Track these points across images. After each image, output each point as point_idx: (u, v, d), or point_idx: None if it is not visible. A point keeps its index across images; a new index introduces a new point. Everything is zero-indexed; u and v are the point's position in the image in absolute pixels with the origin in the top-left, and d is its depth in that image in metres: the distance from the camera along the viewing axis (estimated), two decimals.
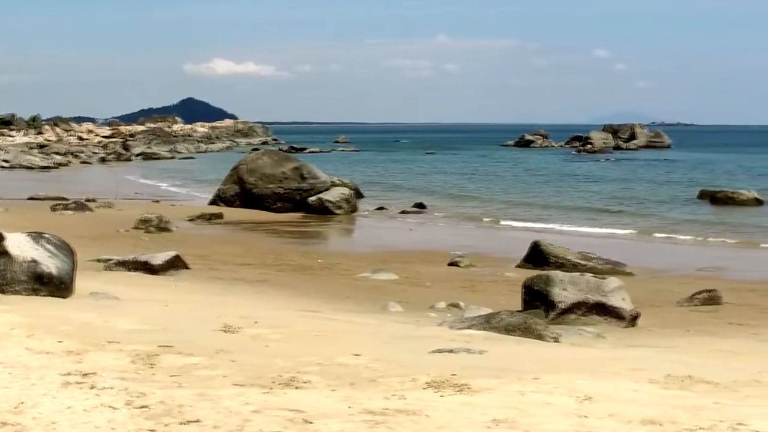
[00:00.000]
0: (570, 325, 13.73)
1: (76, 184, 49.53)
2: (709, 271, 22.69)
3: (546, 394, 7.27)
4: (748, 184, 51.77)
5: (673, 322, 15.31)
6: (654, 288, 19.54)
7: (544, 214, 37.90)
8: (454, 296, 16.98)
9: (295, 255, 23.94)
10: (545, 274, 15.27)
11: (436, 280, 19.95)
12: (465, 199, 44.79)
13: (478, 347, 9.73)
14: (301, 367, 8.11)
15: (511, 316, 12.08)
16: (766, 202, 42.05)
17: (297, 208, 36.11)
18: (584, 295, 14.53)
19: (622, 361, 9.43)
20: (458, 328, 11.91)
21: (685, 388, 7.91)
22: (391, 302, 15.88)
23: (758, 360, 10.54)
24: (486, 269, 22.05)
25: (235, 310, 12.13)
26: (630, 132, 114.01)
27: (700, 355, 10.79)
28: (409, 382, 7.58)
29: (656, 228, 33.01)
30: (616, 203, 42.86)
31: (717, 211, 39.41)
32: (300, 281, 19.08)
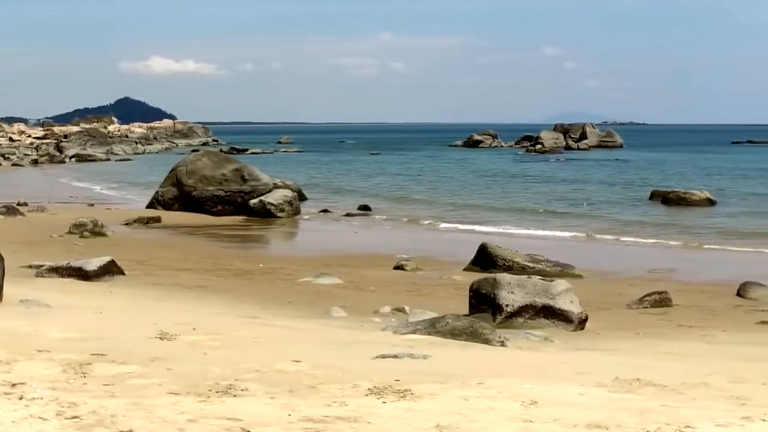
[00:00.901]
0: (517, 329, 13.84)
1: (7, 187, 49.01)
2: (660, 272, 22.95)
3: (490, 399, 7.32)
4: (701, 184, 52.47)
5: (623, 324, 15.48)
6: (603, 290, 19.75)
7: (492, 216, 38.08)
8: (399, 300, 17.02)
9: (236, 259, 23.88)
10: (492, 276, 15.37)
11: (381, 284, 20.00)
12: (411, 201, 44.89)
13: (422, 352, 9.77)
14: (239, 375, 8.09)
15: (457, 320, 12.15)
16: (718, 203, 42.59)
17: (238, 211, 35.98)
18: (532, 298, 14.65)
19: (569, 365, 9.52)
20: (402, 332, 11.96)
21: (632, 391, 8.00)
22: (334, 307, 15.90)
23: (707, 362, 10.70)
24: (432, 273, 22.12)
25: (172, 317, 12.08)
26: (581, 131, 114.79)
27: (648, 358, 10.92)
28: (351, 389, 7.60)
29: (607, 229, 33.30)
30: (566, 204, 43.17)
31: (669, 212, 39.85)
32: (240, 286, 19.04)
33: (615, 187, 53.37)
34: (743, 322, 16.18)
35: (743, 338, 14.12)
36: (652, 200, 44.29)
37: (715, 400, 7.71)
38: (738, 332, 14.87)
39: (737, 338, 14.12)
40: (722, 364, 10.42)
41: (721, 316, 16.85)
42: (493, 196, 48.15)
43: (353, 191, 50.63)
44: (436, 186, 54.79)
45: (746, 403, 7.58)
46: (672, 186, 48.88)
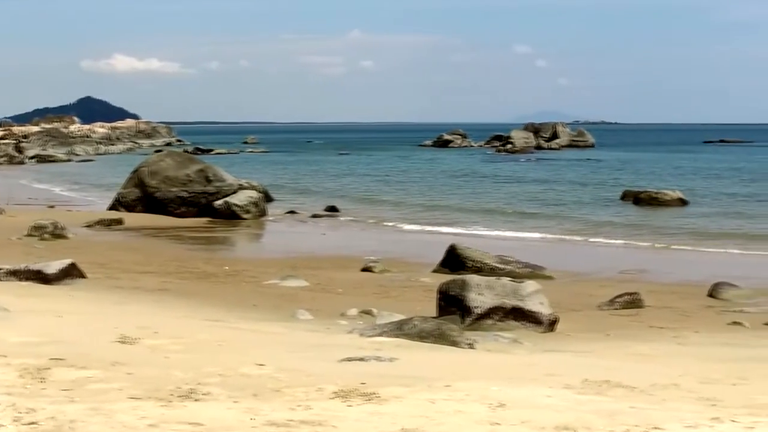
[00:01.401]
0: (486, 331, 13.88)
1: None
2: (631, 273, 23.09)
3: (457, 402, 7.34)
4: (673, 184, 52.76)
5: (593, 326, 15.56)
6: (574, 291, 19.84)
7: (461, 217, 38.15)
8: (366, 303, 17.03)
9: (200, 262, 23.82)
10: (461, 278, 15.42)
11: (349, 286, 20.01)
12: (380, 202, 44.92)
13: (388, 355, 9.79)
14: (201, 379, 8.08)
15: (425, 322, 12.17)
16: (690, 203, 42.86)
17: (202, 212, 35.87)
18: (501, 299, 14.70)
19: (538, 367, 9.57)
20: (369, 335, 11.98)
21: (601, 392, 8.05)
22: (300, 310, 15.89)
23: (677, 363, 10.78)
24: (401, 274, 22.16)
25: (134, 320, 12.04)
26: (552, 131, 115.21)
27: (618, 359, 10.99)
28: (316, 392, 7.60)
29: (578, 230, 33.46)
30: (537, 205, 43.31)
31: (640, 212, 40.07)
32: (204, 289, 18.98)
33: (586, 188, 53.58)
34: (715, 323, 16.31)
35: (714, 339, 14.23)
36: (624, 200, 44.50)
37: (685, 402, 7.77)
38: (709, 333, 14.99)
39: (708, 339, 14.23)
40: (693, 365, 10.50)
41: (692, 317, 16.98)
42: (463, 196, 48.23)
43: (321, 192, 50.59)
44: (405, 187, 54.83)
45: (716, 404, 7.64)
46: (644, 186, 49.08)
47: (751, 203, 44.14)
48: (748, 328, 15.85)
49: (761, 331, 15.65)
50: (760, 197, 47.28)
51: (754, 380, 9.27)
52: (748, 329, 15.74)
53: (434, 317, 14.01)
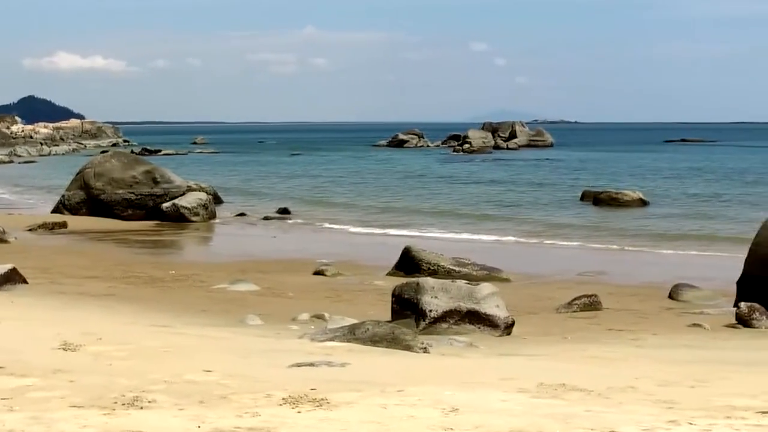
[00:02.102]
0: (441, 335, 13.93)
1: None
2: (590, 275, 23.25)
3: (410, 407, 7.38)
4: (633, 184, 53.12)
5: (551, 329, 15.67)
6: (532, 294, 19.96)
7: (417, 219, 38.23)
8: (318, 307, 17.04)
9: (147, 266, 23.71)
10: (415, 281, 15.45)
11: (300, 290, 20.01)
12: (333, 204, 44.91)
13: (340, 360, 9.82)
14: (146, 386, 8.07)
15: (377, 326, 12.20)
16: (651, 203, 43.18)
17: (150, 215, 35.70)
18: (456, 302, 14.75)
19: (493, 371, 9.63)
20: (320, 340, 11.99)
21: (557, 396, 8.11)
22: (249, 315, 15.87)
23: (635, 366, 10.88)
24: (354, 278, 22.19)
25: (78, 327, 11.98)
26: (510, 130, 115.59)
27: (575, 362, 11.09)
28: (264, 399, 7.61)
29: (536, 232, 33.63)
30: (494, 206, 43.48)
31: (600, 213, 40.31)
32: (151, 294, 18.91)
33: (545, 188, 53.83)
34: (674, 325, 16.47)
35: (673, 341, 14.37)
36: (583, 201, 44.75)
37: (642, 405, 7.84)
38: (668, 335, 15.13)
39: (667, 341, 14.36)
40: (651, 368, 10.60)
41: (651, 319, 17.13)
42: (419, 198, 48.31)
43: (272, 194, 50.52)
44: (359, 188, 54.87)
45: (673, 407, 7.72)
46: (604, 186, 49.40)
47: (712, 203, 44.55)
48: (708, 330, 16.01)
49: (721, 332, 15.82)
50: (722, 197, 47.74)
51: (713, 382, 9.37)
52: (707, 331, 15.90)
53: (388, 321, 14.04)
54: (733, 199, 46.94)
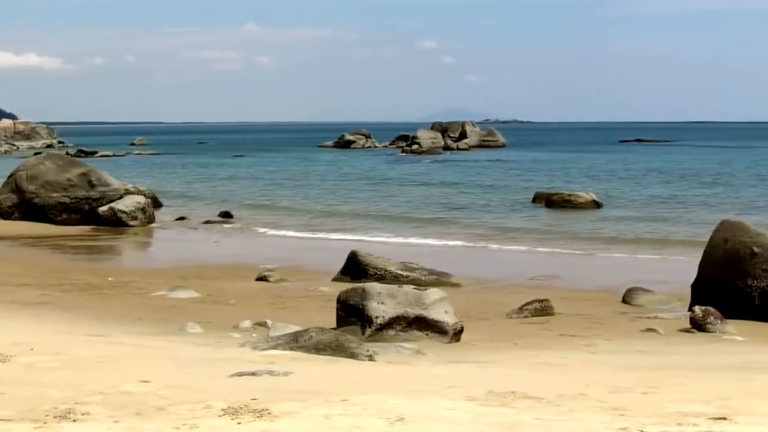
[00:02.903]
0: (388, 342, 13.97)
1: None
2: (542, 279, 23.39)
3: (354, 417, 7.40)
4: (587, 185, 53.48)
5: (501, 335, 15.76)
6: (482, 299, 20.06)
7: (364, 222, 38.25)
8: (261, 314, 17.03)
9: (83, 273, 23.57)
10: (361, 286, 15.48)
11: (242, 297, 20.00)
12: (277, 208, 44.80)
13: (282, 369, 9.83)
14: (80, 398, 8.04)
15: (322, 333, 12.22)
16: (605, 205, 43.45)
17: (86, 219, 35.44)
18: (404, 308, 14.79)
19: (441, 379, 9.68)
20: (262, 348, 11.99)
21: (505, 404, 8.17)
22: (189, 323, 15.84)
23: (586, 372, 10.97)
24: (298, 284, 22.19)
25: (8, 337, 11.90)
26: (460, 130, 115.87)
27: (525, 369, 11.16)
28: (203, 410, 7.61)
29: (487, 235, 33.74)
30: (444, 209, 43.59)
31: (553, 216, 40.55)
32: (86, 302, 18.81)
33: (496, 190, 54.05)
34: (628, 330, 16.62)
35: (627, 347, 14.51)
36: (536, 203, 44.94)
37: (593, 412, 7.92)
38: (622, 340, 15.28)
39: (620, 347, 14.50)
40: (603, 374, 10.70)
41: (605, 324, 17.29)
42: (366, 201, 48.32)
43: (213, 197, 50.32)
44: (304, 191, 54.79)
45: (624, 414, 7.81)
46: (557, 188, 49.70)
47: (666, 205, 44.90)
48: (662, 334, 16.18)
49: (675, 337, 16.00)
50: (677, 199, 48.15)
51: (666, 388, 9.47)
52: (661, 336, 16.07)
53: (333, 328, 14.06)
54: (689, 200, 47.36)
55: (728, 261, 18.49)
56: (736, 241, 18.56)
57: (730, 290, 18.27)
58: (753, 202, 46.26)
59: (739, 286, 18.25)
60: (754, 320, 17.66)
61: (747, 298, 18.15)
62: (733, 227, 19.02)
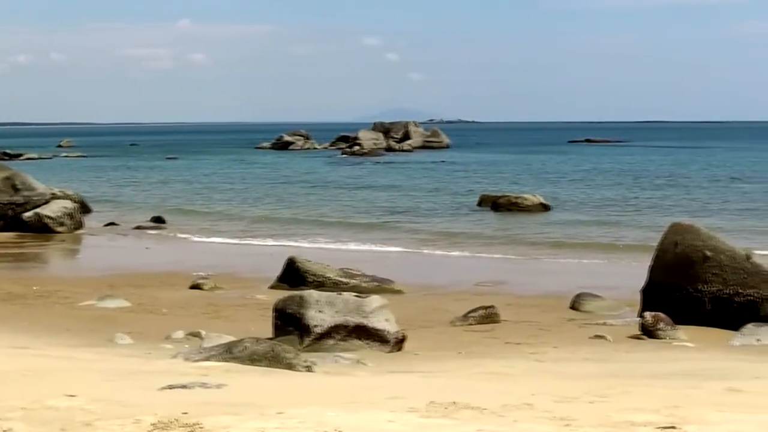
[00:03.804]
0: (327, 352, 13.99)
1: None
2: (488, 285, 23.52)
3: (290, 430, 7.41)
4: (535, 187, 53.75)
5: (445, 343, 15.82)
6: (425, 306, 20.13)
7: (303, 227, 38.22)
8: (194, 324, 17.03)
9: (6, 282, 23.39)
10: (299, 294, 15.48)
11: (175, 306, 19.96)
12: (212, 212, 44.70)
13: (216, 381, 9.81)
14: (1, 413, 7.97)
15: (257, 343, 12.21)
16: (553, 208, 43.73)
17: (9, 226, 35.13)
18: (343, 317, 14.81)
19: (381, 390, 9.69)
20: (195, 359, 11.97)
21: (447, 415, 8.20)
22: (119, 334, 15.78)
23: (532, 381, 11.04)
24: (234, 292, 22.18)
25: None
26: (404, 131, 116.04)
27: (469, 379, 11.21)
28: (132, 424, 7.58)
29: (431, 240, 33.88)
30: (386, 213, 43.64)
31: (499, 219, 40.74)
32: (9, 313, 18.67)
33: (441, 193, 54.21)
34: (576, 337, 16.76)
35: (574, 354, 14.62)
36: (482, 206, 45.08)
37: (538, 422, 7.97)
38: (569, 348, 15.39)
39: (568, 355, 14.61)
40: (549, 383, 10.77)
41: (552, 332, 17.41)
42: (305, 205, 48.28)
43: (145, 201, 50.15)
44: (240, 194, 54.68)
45: (570, 424, 7.86)
46: (503, 190, 49.90)
47: (617, 208, 45.27)
48: (611, 341, 16.32)
49: (624, 344, 16.14)
50: (628, 201, 48.56)
51: (614, 397, 9.55)
52: (610, 343, 16.21)
53: (269, 338, 14.06)
54: (641, 203, 47.76)
55: (679, 265, 18.68)
56: (687, 245, 18.75)
57: (680, 295, 18.46)
58: (707, 204, 46.77)
59: (690, 291, 18.45)
60: (706, 326, 17.87)
61: (698, 303, 18.35)
62: (684, 230, 19.22)
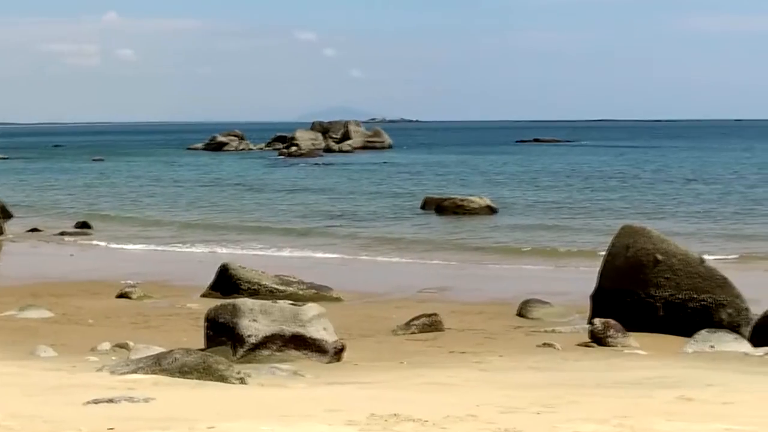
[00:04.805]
0: (262, 363, 13.97)
1: None
2: (432, 292, 23.62)
3: None
4: (481, 189, 53.94)
5: (385, 353, 15.85)
6: (366, 314, 20.17)
7: (237, 233, 38.16)
8: (122, 335, 16.96)
9: None
10: (231, 303, 15.45)
11: (101, 316, 19.86)
12: (141, 218, 44.50)
13: (143, 394, 9.79)
14: None
15: (187, 355, 12.18)
16: (500, 211, 43.88)
17: None
18: (279, 326, 14.80)
19: (319, 402, 9.72)
20: (122, 372, 11.93)
21: (388, 428, 8.24)
22: (41, 346, 15.69)
23: (477, 392, 11.10)
24: (164, 300, 22.13)
25: None
26: (343, 131, 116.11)
27: (411, 390, 11.26)
28: None
29: (372, 245, 33.92)
30: (325, 218, 43.60)
31: (444, 223, 40.88)
32: None
33: (382, 196, 54.28)
34: (523, 346, 16.85)
35: (521, 363, 14.70)
36: (425, 209, 45.19)
37: None
38: (516, 357, 15.46)
39: (514, 364, 14.69)
40: (494, 394, 10.83)
41: (498, 340, 17.50)
42: (239, 209, 48.18)
43: (70, 206, 49.87)
44: (171, 198, 54.45)
45: None
46: (448, 192, 49.99)
47: (567, 211, 45.50)
48: (559, 350, 16.42)
49: (573, 352, 16.25)
50: (578, 204, 48.82)
51: (561, 407, 9.63)
52: (558, 351, 16.31)
53: (201, 349, 14.03)
54: (592, 205, 48.05)
55: (630, 269, 18.83)
56: (639, 248, 18.90)
57: (632, 301, 18.62)
58: (661, 207, 47.11)
59: (642, 297, 18.60)
60: (658, 332, 18.04)
61: (650, 308, 18.51)
62: (635, 233, 19.37)
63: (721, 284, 18.44)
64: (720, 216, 42.47)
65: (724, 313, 18.20)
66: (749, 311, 18.32)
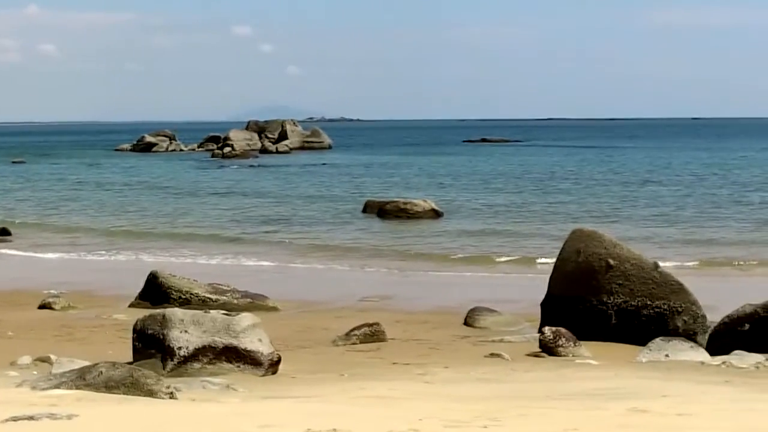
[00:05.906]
0: (193, 377, 13.94)
1: None
2: (373, 301, 23.69)
3: None
4: (426, 192, 54.10)
5: (324, 365, 15.85)
6: (304, 324, 20.19)
7: (167, 239, 38.07)
8: (44, 348, 16.85)
9: None
10: (161, 313, 15.38)
11: (22, 328, 19.74)
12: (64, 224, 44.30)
13: (66, 411, 9.73)
14: None
15: (113, 368, 12.12)
16: (445, 215, 43.97)
17: None
18: (211, 337, 14.75)
19: (252, 417, 9.70)
20: (43, 388, 11.85)
21: None
22: None
23: (420, 405, 11.11)
24: (89, 311, 22.04)
25: None
26: (280, 130, 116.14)
27: (351, 404, 11.26)
28: None
29: (309, 251, 33.93)
30: (260, 223, 43.52)
31: (386, 227, 40.96)
32: None
33: (321, 199, 54.29)
34: (469, 356, 16.88)
35: (467, 375, 14.73)
36: (367, 213, 45.28)
37: None
38: (462, 368, 15.48)
39: (460, 375, 14.71)
40: (438, 407, 10.84)
41: (443, 350, 17.54)
42: (169, 214, 47.98)
43: None
44: (96, 203, 54.25)
45: None
46: (390, 196, 50.06)
47: (515, 214, 45.69)
48: (508, 360, 16.47)
49: (522, 362, 16.30)
50: (528, 207, 49.06)
51: (508, 420, 9.66)
52: (507, 361, 16.36)
53: (128, 362, 13.96)
54: (542, 209, 48.25)
55: (581, 275, 18.92)
56: (590, 253, 18.99)
57: (583, 308, 18.72)
58: (615, 210, 47.41)
59: (594, 304, 18.71)
60: (611, 341, 18.16)
61: (602, 316, 18.62)
62: (586, 237, 19.43)
63: (677, 290, 18.55)
64: (678, 219, 42.83)
65: (680, 321, 18.33)
66: (706, 318, 18.44)
